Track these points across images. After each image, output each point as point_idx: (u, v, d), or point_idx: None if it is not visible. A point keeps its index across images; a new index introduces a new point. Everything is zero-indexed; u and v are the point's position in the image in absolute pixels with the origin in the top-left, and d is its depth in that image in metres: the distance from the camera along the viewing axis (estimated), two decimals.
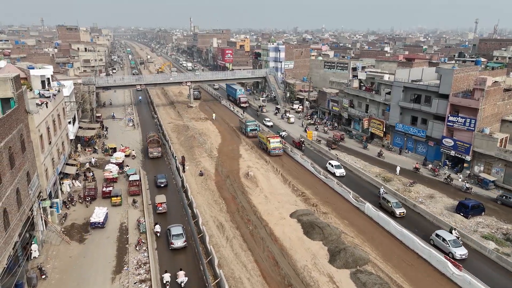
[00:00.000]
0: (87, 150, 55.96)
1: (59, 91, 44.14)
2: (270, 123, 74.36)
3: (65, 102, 46.80)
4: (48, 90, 43.56)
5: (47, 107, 36.33)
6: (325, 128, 69.95)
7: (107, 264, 30.59)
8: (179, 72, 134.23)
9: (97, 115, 71.54)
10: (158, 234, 34.43)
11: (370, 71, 69.13)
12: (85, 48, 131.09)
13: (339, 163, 51.05)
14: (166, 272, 28.43)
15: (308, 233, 35.39)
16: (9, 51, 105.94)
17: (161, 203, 38.67)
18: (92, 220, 35.35)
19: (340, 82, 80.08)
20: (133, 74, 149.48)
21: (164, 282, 27.56)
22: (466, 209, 37.34)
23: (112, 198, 39.89)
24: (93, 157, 52.26)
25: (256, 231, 36.03)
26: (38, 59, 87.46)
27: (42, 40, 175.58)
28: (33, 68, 48.67)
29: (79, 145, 55.71)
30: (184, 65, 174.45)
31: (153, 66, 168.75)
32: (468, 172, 47.13)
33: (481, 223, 36.59)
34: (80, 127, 58.03)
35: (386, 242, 34.19)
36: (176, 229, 33.22)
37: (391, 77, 58.91)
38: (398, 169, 49.31)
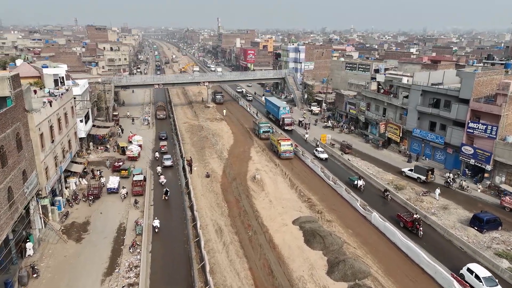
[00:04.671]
0: (99, 148, 56.66)
1: (67, 89, 44.63)
2: (324, 155, 55.26)
3: (75, 100, 47.30)
4: (58, 89, 44.18)
5: (51, 106, 36.64)
6: (343, 126, 67.98)
7: (100, 265, 30.32)
8: (201, 72, 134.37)
9: (114, 113, 72.46)
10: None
11: (390, 73, 66.32)
12: (111, 48, 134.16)
13: (489, 274, 27.85)
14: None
15: (309, 241, 33.92)
16: (40, 49, 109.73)
17: (163, 145, 57.95)
18: (109, 186, 42.27)
19: (359, 84, 77.56)
20: (156, 66, 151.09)
21: (154, 225, 35.02)
22: (480, 223, 34.65)
23: (122, 171, 46.65)
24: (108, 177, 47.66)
25: (255, 237, 34.92)
26: (66, 58, 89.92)
27: (74, 39, 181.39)
28: (46, 67, 49.67)
29: (91, 143, 56.44)
30: (213, 69, 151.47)
31: (177, 66, 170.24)
32: (488, 182, 44.08)
33: (496, 238, 33.81)
34: (94, 125, 58.83)
35: (390, 254, 32.22)
36: (167, 156, 52.67)
37: (410, 79, 56.20)
38: (437, 191, 41.76)
